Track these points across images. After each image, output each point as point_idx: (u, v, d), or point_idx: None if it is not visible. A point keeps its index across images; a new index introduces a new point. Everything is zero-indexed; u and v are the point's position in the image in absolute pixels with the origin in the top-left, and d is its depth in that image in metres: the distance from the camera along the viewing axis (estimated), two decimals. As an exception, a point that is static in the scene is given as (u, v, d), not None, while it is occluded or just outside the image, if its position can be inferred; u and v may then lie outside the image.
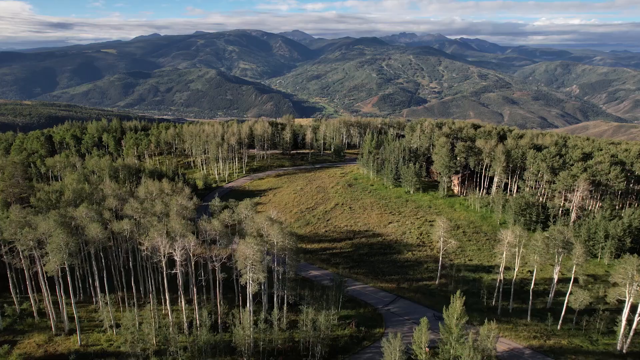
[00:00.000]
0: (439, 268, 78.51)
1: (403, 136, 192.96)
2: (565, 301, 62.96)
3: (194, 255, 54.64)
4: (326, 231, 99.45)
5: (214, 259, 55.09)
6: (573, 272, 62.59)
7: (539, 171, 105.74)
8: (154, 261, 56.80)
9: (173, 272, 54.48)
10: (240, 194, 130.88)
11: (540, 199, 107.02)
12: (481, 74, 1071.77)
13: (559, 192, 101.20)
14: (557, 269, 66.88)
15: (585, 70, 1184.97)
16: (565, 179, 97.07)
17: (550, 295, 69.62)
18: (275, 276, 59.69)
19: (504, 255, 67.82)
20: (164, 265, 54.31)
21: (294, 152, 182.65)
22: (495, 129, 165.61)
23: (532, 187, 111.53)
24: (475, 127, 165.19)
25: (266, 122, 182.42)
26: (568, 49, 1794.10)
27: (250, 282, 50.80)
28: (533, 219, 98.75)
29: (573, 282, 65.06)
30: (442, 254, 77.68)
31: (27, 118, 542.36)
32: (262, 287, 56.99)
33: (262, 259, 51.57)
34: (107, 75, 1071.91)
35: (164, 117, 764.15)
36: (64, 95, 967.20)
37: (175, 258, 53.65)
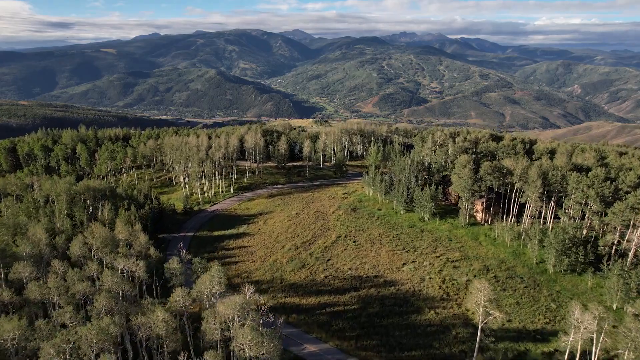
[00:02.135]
0: (477, 343, 59.26)
1: (412, 146, 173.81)
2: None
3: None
4: (326, 277, 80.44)
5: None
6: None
7: (584, 199, 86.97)
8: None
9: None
10: (226, 220, 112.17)
11: (585, 232, 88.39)
12: (482, 74, 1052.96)
13: (614, 226, 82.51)
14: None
15: (587, 69, 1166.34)
16: (622, 212, 78.33)
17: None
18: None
19: (576, 338, 49.13)
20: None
21: (290, 164, 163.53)
22: (515, 139, 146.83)
23: (572, 217, 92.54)
24: (495, 138, 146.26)
25: (259, 131, 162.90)
26: (569, 48, 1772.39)
27: None
28: (580, 259, 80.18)
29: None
30: (482, 325, 58.51)
31: (22, 119, 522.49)
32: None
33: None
34: (107, 75, 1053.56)
35: (163, 117, 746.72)
36: (63, 95, 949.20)
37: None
